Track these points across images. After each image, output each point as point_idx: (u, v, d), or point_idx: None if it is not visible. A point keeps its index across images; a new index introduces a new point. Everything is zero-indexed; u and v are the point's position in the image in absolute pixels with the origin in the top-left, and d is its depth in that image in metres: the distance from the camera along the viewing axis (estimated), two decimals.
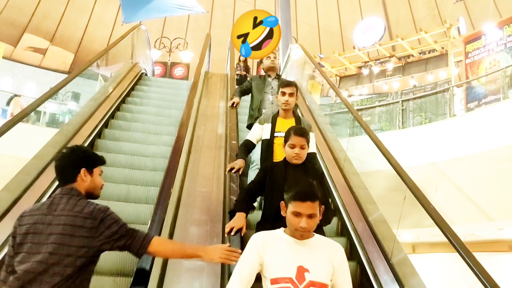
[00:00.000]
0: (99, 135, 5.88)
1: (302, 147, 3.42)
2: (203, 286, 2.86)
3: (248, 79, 5.89)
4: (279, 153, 3.86)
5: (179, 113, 6.04)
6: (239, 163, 3.98)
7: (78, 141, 5.05)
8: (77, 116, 6.03)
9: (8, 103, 12.64)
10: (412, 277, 3.48)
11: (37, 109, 10.96)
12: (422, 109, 10.47)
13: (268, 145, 4.08)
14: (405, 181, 3.81)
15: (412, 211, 3.91)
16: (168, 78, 17.04)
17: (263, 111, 5.30)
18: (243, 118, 6.07)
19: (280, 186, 3.06)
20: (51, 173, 3.92)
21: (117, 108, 6.86)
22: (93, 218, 2.27)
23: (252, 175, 4.67)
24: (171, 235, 3.24)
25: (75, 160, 2.47)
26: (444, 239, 3.20)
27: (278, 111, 4.28)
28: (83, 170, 2.45)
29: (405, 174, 3.89)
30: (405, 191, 3.84)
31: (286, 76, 10.03)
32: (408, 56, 15.46)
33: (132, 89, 8.10)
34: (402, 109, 10.66)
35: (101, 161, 2.57)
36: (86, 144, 5.15)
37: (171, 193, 3.46)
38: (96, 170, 2.52)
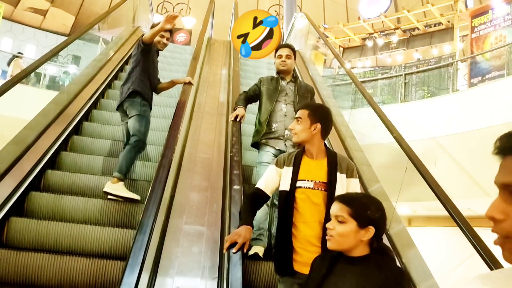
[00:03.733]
0: (102, 94, 6.20)
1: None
2: (202, 250, 2.88)
3: (257, 82, 4.47)
4: (305, 214, 2.62)
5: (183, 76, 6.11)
6: (243, 234, 2.54)
7: (79, 103, 5.15)
8: (80, 76, 6.12)
9: (8, 64, 12.53)
10: (410, 248, 3.52)
11: (38, 71, 10.96)
12: (425, 83, 10.41)
13: (286, 201, 2.67)
14: (408, 154, 3.80)
15: (410, 184, 3.92)
16: (170, 43, 16.87)
17: (274, 126, 4.10)
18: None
19: None
20: (54, 129, 4.03)
21: (121, 69, 6.96)
22: (139, 41, 4.59)
23: (254, 246, 3.51)
24: (171, 199, 3.26)
25: None
26: (441, 213, 3.23)
27: (304, 148, 2.82)
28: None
29: (408, 148, 3.89)
30: (404, 165, 3.85)
31: None
32: (413, 29, 15.28)
33: None
34: (405, 83, 10.60)
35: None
36: (92, 100, 5.62)
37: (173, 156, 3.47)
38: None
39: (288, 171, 2.75)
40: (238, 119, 4.33)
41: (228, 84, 6.29)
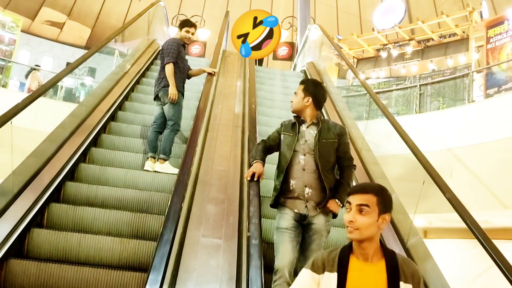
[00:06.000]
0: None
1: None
2: (220, 264, 2.90)
3: (278, 128, 3.66)
4: None
5: (194, 104, 6.23)
6: None
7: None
8: (99, 88, 6.47)
9: (26, 76, 12.72)
10: (427, 260, 3.51)
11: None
12: (440, 94, 10.35)
13: None
14: (424, 166, 3.79)
15: (427, 196, 3.91)
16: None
17: (291, 182, 3.30)
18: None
19: None
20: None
21: (137, 82, 7.33)
22: (165, 43, 5.62)
23: None
24: (189, 211, 3.29)
25: (180, 22, 5.88)
26: (457, 225, 3.22)
27: (351, 246, 2.04)
28: (182, 28, 5.63)
29: (424, 159, 3.88)
30: (419, 176, 3.84)
31: (304, 57, 9.95)
32: (428, 40, 15.20)
33: (152, 63, 8.21)
34: (420, 94, 10.55)
35: (185, 25, 5.67)
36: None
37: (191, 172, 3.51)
38: (183, 29, 5.61)
39: (330, 278, 1.95)
40: (255, 178, 3.45)
41: (243, 96, 6.33)
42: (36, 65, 14.02)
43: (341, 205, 3.25)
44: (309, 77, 8.73)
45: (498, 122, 7.91)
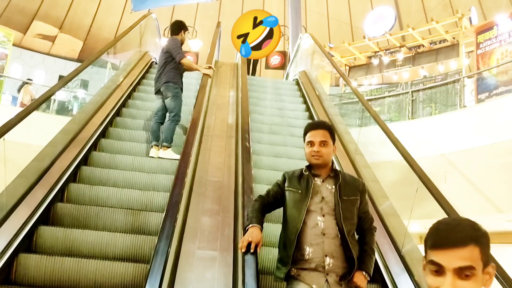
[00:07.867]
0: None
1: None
2: (215, 276, 2.89)
3: (279, 179, 2.91)
4: None
5: (191, 102, 6.27)
6: None
7: (90, 129, 5.50)
8: (94, 98, 6.53)
9: (19, 90, 12.69)
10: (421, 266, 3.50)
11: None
12: (432, 100, 10.41)
13: None
14: (416, 172, 3.81)
15: (422, 202, 3.92)
16: None
17: (307, 250, 2.61)
18: None
19: None
20: (65, 159, 4.28)
21: (134, 89, 7.46)
22: (169, 43, 6.05)
23: None
24: (184, 224, 3.28)
25: (177, 24, 6.16)
26: None
27: None
28: (182, 31, 6.14)
29: (416, 166, 3.90)
30: (413, 183, 3.85)
31: (296, 66, 9.99)
32: (419, 46, 15.30)
33: (143, 77, 8.20)
34: (412, 100, 10.61)
35: (186, 29, 6.23)
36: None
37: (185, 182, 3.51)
38: (186, 33, 6.14)
39: None
40: (252, 249, 2.57)
41: (236, 107, 6.35)
42: (29, 79, 14.01)
43: (368, 279, 2.67)
44: (301, 86, 8.75)
45: (490, 126, 7.95)
